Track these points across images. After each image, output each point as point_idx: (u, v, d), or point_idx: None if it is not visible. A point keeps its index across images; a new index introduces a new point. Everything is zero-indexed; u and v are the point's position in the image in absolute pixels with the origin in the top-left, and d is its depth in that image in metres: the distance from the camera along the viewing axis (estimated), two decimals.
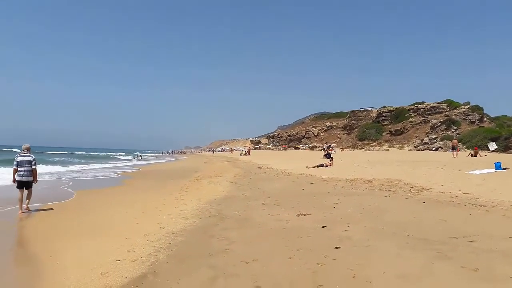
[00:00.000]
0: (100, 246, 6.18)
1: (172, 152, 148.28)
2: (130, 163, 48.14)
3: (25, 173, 9.70)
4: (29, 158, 9.85)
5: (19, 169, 9.67)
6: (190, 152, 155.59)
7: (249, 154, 61.30)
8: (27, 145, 10.09)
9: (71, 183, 17.60)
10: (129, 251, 5.73)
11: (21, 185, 9.64)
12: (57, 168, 28.60)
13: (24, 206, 9.58)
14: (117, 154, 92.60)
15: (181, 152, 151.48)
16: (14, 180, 9.67)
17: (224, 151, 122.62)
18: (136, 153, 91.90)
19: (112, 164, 41.08)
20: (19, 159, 9.77)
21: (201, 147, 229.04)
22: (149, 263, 5.10)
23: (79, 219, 8.67)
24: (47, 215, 9.35)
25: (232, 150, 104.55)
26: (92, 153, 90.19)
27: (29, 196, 9.77)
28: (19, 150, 10.24)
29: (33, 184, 10.00)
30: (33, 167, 9.84)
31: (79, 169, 29.64)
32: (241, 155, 63.18)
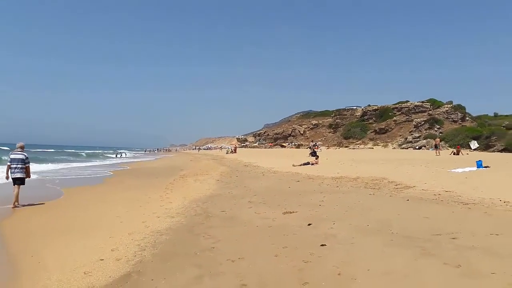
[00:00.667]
0: (83, 245, 6.08)
1: (158, 150, 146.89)
2: (117, 161, 47.55)
3: (17, 170, 10.17)
4: (22, 156, 10.32)
5: (12, 166, 10.16)
6: (176, 150, 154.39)
7: (235, 152, 61.18)
8: (21, 143, 10.62)
9: (57, 181, 17.35)
10: (113, 250, 5.66)
11: (14, 181, 10.10)
12: (44, 167, 27.91)
13: (11, 205, 9.81)
14: (105, 152, 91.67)
15: (166, 150, 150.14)
16: (8, 177, 10.17)
17: (210, 149, 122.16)
18: (120, 151, 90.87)
19: (98, 162, 40.63)
20: (12, 156, 10.31)
21: (186, 145, 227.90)
22: (134, 262, 5.04)
23: (62, 218, 8.53)
24: (30, 214, 9.18)
25: (221, 147, 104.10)
26: (78, 151, 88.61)
27: (18, 192, 10.04)
28: (7, 148, 10.59)
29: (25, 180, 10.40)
30: (27, 164, 10.36)
31: (66, 167, 29.16)
32: (227, 153, 63.01)
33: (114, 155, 70.41)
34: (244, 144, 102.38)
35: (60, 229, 7.37)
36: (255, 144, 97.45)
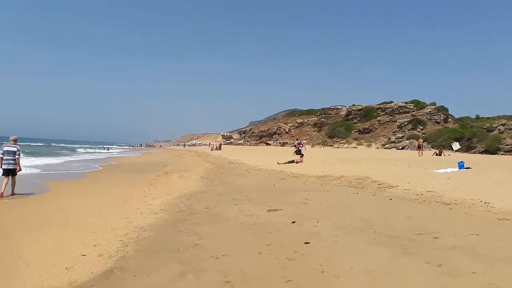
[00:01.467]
0: (65, 240, 5.97)
1: (141, 146, 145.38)
2: (105, 156, 46.95)
3: (10, 161, 10.63)
4: (14, 149, 10.74)
5: (4, 157, 10.59)
6: (160, 146, 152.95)
7: (220, 149, 60.95)
8: (14, 136, 11.06)
9: (39, 175, 17.00)
10: (95, 246, 5.57)
11: (7, 172, 10.58)
12: (31, 161, 27.33)
13: (9, 192, 10.41)
14: (93, 146, 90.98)
15: (150, 146, 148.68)
16: (0, 167, 10.60)
17: (195, 145, 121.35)
18: (106, 146, 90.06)
19: (87, 157, 40.09)
20: (5, 148, 10.73)
21: (171, 141, 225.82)
22: (116, 258, 4.98)
23: (46, 212, 8.35)
24: (13, 207, 8.96)
25: (209, 143, 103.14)
26: (67, 145, 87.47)
27: (13, 183, 10.65)
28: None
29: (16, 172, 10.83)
30: (17, 156, 10.74)
31: (53, 162, 28.57)
32: (212, 150, 62.69)
33: (102, 150, 70.27)
34: (229, 141, 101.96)
35: (42, 224, 7.21)
36: (240, 142, 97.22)
